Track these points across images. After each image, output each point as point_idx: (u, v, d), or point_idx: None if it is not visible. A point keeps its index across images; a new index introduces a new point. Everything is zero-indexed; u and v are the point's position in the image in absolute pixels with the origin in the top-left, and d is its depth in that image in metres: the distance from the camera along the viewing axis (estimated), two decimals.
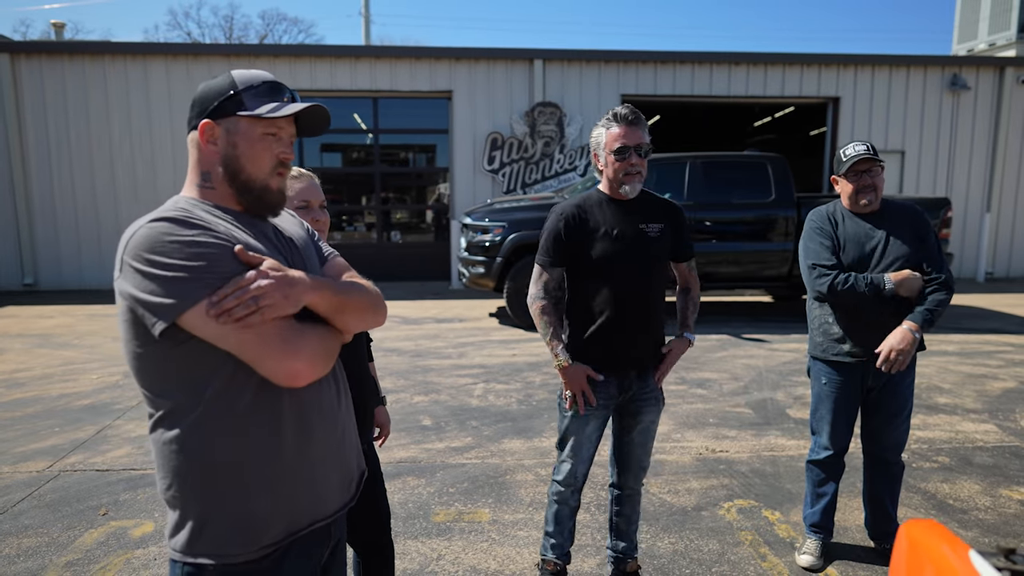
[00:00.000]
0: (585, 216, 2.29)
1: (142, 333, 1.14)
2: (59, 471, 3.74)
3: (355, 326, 1.28)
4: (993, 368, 5.96)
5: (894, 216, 2.66)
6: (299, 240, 1.35)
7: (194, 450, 1.16)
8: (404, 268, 11.95)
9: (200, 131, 1.22)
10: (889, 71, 11.87)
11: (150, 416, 1.20)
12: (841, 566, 2.79)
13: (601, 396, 2.34)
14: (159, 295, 1.10)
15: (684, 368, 5.94)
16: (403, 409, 4.84)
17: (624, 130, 2.19)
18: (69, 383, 5.51)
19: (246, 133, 1.23)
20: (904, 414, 2.72)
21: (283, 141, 1.26)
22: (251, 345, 1.12)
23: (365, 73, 11.24)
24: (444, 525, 3.14)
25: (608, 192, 2.32)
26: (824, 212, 2.76)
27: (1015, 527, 3.12)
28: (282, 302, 1.13)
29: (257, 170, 1.24)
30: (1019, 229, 12.33)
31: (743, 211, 7.93)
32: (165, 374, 1.16)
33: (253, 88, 1.23)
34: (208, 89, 1.25)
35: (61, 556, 2.85)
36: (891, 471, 2.79)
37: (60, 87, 10.72)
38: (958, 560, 0.86)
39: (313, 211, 1.87)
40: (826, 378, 2.75)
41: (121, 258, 1.14)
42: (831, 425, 2.77)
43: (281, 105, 1.24)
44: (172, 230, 1.12)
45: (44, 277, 11.00)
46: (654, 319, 2.38)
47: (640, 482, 2.52)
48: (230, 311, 1.09)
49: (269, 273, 1.13)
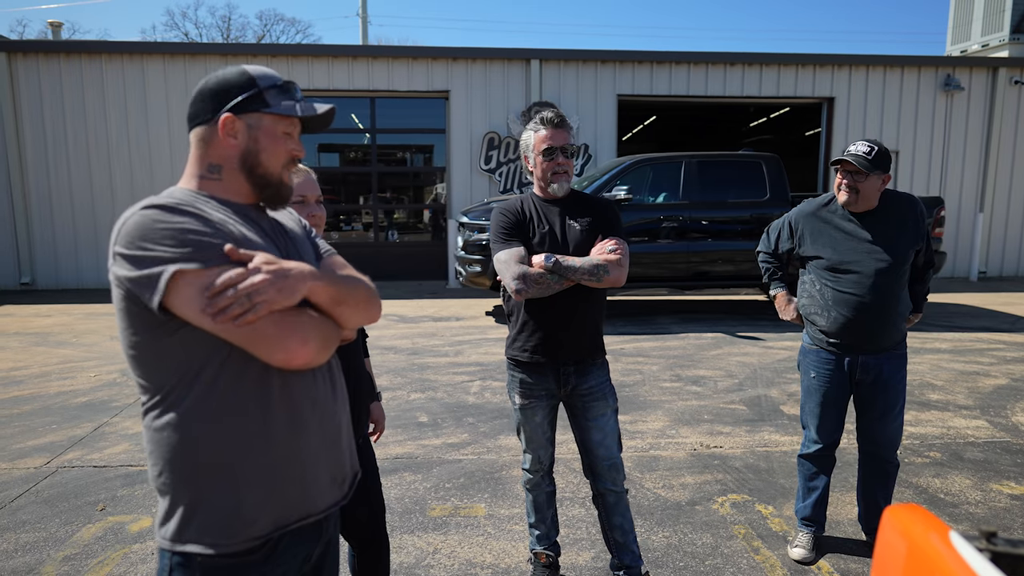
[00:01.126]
0: (522, 210, 2.41)
1: (138, 320, 1.15)
2: (57, 467, 3.76)
3: (353, 319, 1.29)
4: (985, 365, 6.01)
5: (892, 211, 2.66)
6: (296, 235, 1.36)
7: (185, 437, 1.17)
8: (401, 267, 11.96)
9: (221, 124, 1.24)
10: (883, 71, 11.94)
11: (143, 404, 1.21)
12: (833, 559, 2.82)
13: (540, 388, 2.42)
14: (149, 271, 1.11)
15: (679, 365, 5.98)
16: (400, 406, 4.86)
17: (550, 132, 2.33)
18: (67, 381, 5.52)
19: (269, 130, 1.26)
20: (896, 410, 2.73)
21: (294, 138, 1.30)
22: (245, 329, 1.13)
23: (362, 73, 11.25)
24: (440, 520, 3.16)
25: (540, 192, 2.45)
26: (801, 210, 2.85)
27: (1005, 520, 3.16)
28: (276, 296, 1.13)
29: (274, 165, 1.28)
30: (1012, 229, 12.41)
31: (738, 210, 7.98)
32: (161, 361, 1.17)
33: (276, 87, 1.27)
34: (225, 83, 1.26)
35: (59, 551, 2.87)
36: (885, 469, 2.80)
37: (57, 86, 10.71)
38: (939, 541, 0.88)
39: (309, 206, 1.89)
40: (815, 371, 2.79)
41: (113, 247, 1.15)
42: (820, 419, 2.80)
43: (305, 104, 1.29)
44: (162, 216, 1.13)
45: (41, 276, 10.99)
46: (581, 309, 2.37)
47: (619, 483, 2.46)
48: (224, 310, 1.10)
49: (262, 268, 1.13)
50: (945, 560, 0.86)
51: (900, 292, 2.66)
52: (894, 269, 2.61)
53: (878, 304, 2.61)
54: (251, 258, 1.15)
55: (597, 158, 11.53)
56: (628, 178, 7.91)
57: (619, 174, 7.92)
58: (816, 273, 2.75)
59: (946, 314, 8.52)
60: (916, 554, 0.92)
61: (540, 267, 2.27)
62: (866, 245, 2.63)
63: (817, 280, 2.74)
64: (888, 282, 2.61)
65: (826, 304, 2.71)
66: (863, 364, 2.69)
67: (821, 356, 2.77)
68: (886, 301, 2.62)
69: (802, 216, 2.81)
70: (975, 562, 0.83)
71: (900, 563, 0.94)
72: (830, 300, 2.69)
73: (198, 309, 1.10)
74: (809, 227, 2.77)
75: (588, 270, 2.27)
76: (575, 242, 2.35)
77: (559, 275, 2.27)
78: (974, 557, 0.84)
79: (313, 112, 1.28)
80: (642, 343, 6.92)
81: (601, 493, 2.48)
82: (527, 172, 2.45)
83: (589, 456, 2.47)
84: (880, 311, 2.62)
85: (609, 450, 2.44)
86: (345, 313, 1.27)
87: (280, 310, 1.15)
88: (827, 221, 2.73)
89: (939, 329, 7.57)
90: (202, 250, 1.12)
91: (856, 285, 2.62)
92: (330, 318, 1.26)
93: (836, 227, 2.70)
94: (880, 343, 2.68)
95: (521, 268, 2.28)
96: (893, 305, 2.64)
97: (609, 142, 11.64)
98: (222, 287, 1.10)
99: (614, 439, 2.45)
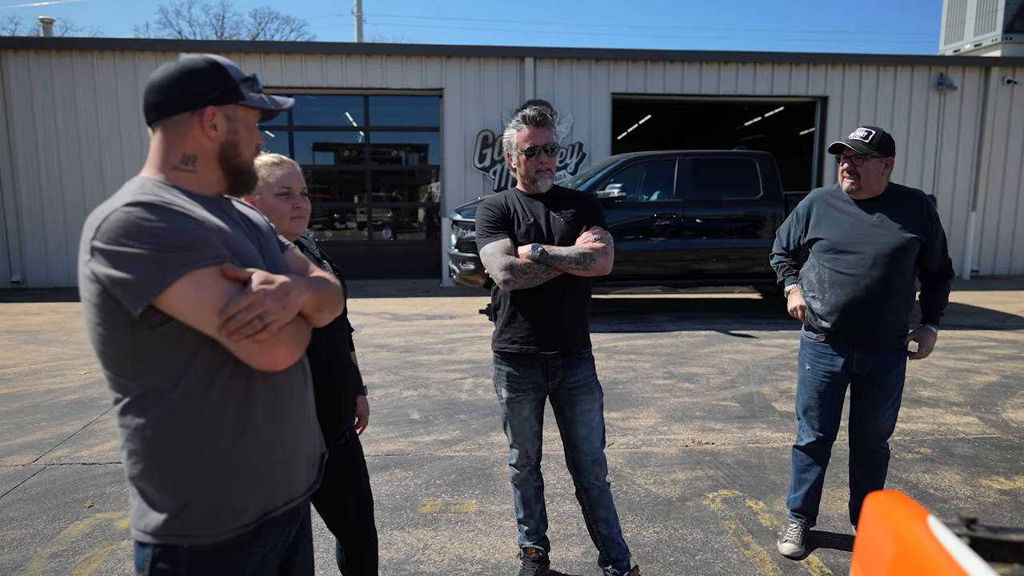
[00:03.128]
0: (506, 205, 2.42)
1: (113, 316, 1.13)
2: (45, 465, 3.73)
3: (327, 319, 1.35)
4: (976, 363, 6.04)
5: (896, 201, 2.66)
6: (263, 229, 1.39)
7: (171, 432, 1.17)
8: (395, 266, 11.95)
9: (206, 117, 1.24)
10: (877, 71, 11.97)
11: (117, 400, 1.20)
12: (822, 553, 2.82)
13: (527, 382, 2.41)
14: (138, 275, 1.10)
15: (672, 363, 5.98)
16: (392, 403, 4.85)
17: (532, 131, 2.35)
18: (56, 379, 5.48)
19: (245, 121, 1.30)
20: (890, 402, 2.72)
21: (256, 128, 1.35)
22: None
23: (356, 70, 11.22)
24: (431, 516, 3.15)
25: (523, 189, 2.47)
26: (808, 197, 2.86)
27: (994, 515, 3.17)
28: (283, 315, 1.18)
29: (249, 156, 1.33)
30: (1004, 227, 12.47)
31: (731, 208, 7.99)
32: (139, 357, 1.16)
33: (248, 80, 1.32)
34: (197, 73, 1.25)
35: (46, 547, 2.85)
36: (874, 459, 2.80)
37: (48, 83, 10.64)
38: (919, 526, 0.88)
39: (294, 198, 1.88)
40: (810, 364, 2.80)
41: (91, 242, 1.12)
42: (814, 410, 2.81)
43: (271, 98, 1.34)
44: (148, 215, 1.12)
45: (32, 274, 10.93)
46: (569, 299, 2.37)
47: (601, 477, 2.46)
48: (240, 331, 1.14)
49: (267, 290, 1.17)
50: (924, 544, 0.86)
51: (900, 285, 2.61)
52: (894, 255, 2.58)
53: (874, 288, 2.58)
54: (249, 276, 1.17)
55: (591, 156, 11.53)
56: (622, 176, 7.91)
57: (613, 172, 7.92)
58: (817, 256, 2.76)
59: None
60: (896, 539, 0.92)
61: (527, 257, 2.27)
62: (868, 228, 2.63)
63: (817, 263, 2.75)
64: (887, 267, 2.57)
65: (823, 287, 2.71)
66: (859, 359, 2.68)
67: (817, 350, 2.77)
68: (883, 287, 2.58)
69: (810, 201, 2.84)
70: (952, 546, 0.83)
71: (880, 547, 0.94)
72: (827, 282, 2.69)
73: (182, 291, 1.11)
74: (815, 210, 2.80)
75: (575, 259, 2.28)
76: (560, 233, 2.37)
77: (546, 264, 2.28)
78: (951, 541, 0.84)
79: (280, 107, 1.34)
80: (635, 341, 6.92)
81: (585, 487, 2.48)
82: (510, 168, 2.47)
83: (573, 451, 2.47)
84: (876, 296, 2.59)
85: (593, 445, 2.44)
86: (323, 316, 1.33)
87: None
88: (832, 205, 2.75)
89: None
90: (187, 248, 1.12)
91: (854, 266, 2.62)
92: (305, 319, 1.29)
93: (840, 210, 2.72)
94: (876, 336, 2.64)
95: (508, 259, 2.28)
96: (890, 294, 2.60)
97: (603, 140, 11.65)
98: (235, 312, 1.13)
99: (599, 435, 2.46)
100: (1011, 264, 12.59)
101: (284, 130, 11.72)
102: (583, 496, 2.50)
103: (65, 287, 10.78)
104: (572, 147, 11.53)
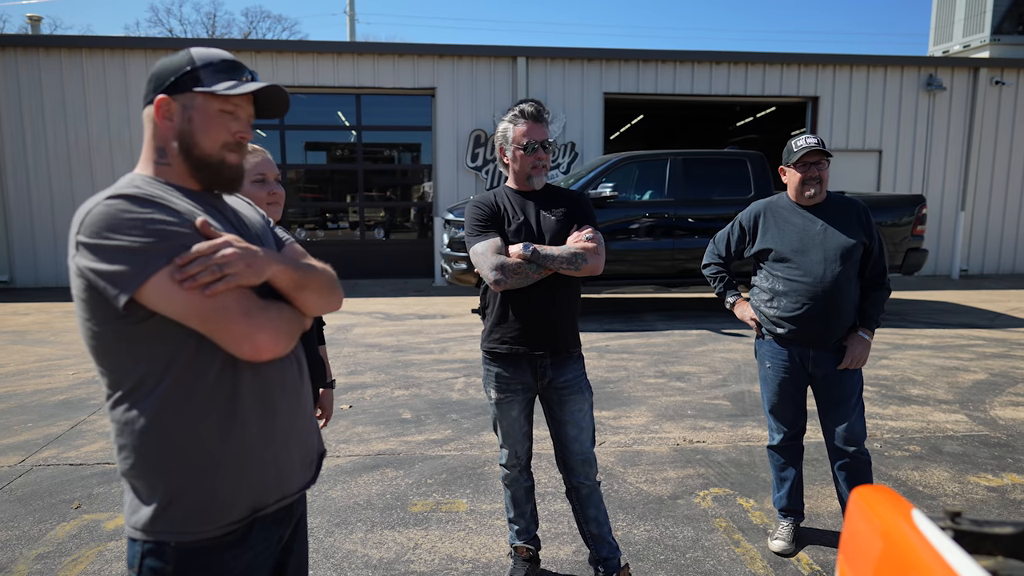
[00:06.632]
0: (496, 203, 2.39)
1: (101, 310, 1.13)
2: (31, 466, 3.70)
3: (314, 306, 1.30)
4: (965, 361, 6.08)
5: (837, 208, 2.74)
6: (257, 225, 1.36)
7: (159, 427, 1.16)
8: (388, 265, 11.92)
9: (156, 106, 1.22)
10: (867, 71, 12.05)
11: (108, 396, 1.20)
12: (813, 551, 2.83)
13: (516, 382, 2.40)
14: (120, 266, 1.09)
15: (664, 362, 6.00)
16: (383, 403, 4.83)
17: (530, 126, 2.31)
18: (44, 379, 5.43)
19: (202, 109, 1.23)
20: (852, 402, 2.70)
21: (240, 120, 1.27)
22: (214, 318, 1.12)
23: (348, 69, 11.19)
24: (421, 515, 3.14)
25: (515, 185, 2.42)
26: (751, 209, 2.89)
27: (982, 512, 3.19)
28: (245, 271, 1.14)
29: (211, 146, 1.24)
30: (992, 227, 12.57)
31: (723, 207, 8.00)
32: (127, 351, 1.16)
33: (211, 65, 1.23)
34: (165, 65, 1.25)
35: (32, 549, 2.82)
36: (851, 464, 2.73)
37: (36, 81, 10.56)
38: (902, 519, 0.89)
39: (269, 184, 1.94)
40: (769, 361, 2.84)
41: (75, 237, 1.12)
42: (778, 407, 2.85)
43: (238, 83, 1.25)
44: (129, 207, 1.12)
45: (20, 274, 10.83)
46: (559, 299, 2.36)
47: (592, 477, 2.45)
48: (194, 276, 1.10)
49: (232, 243, 1.15)
50: (908, 538, 0.86)
51: (849, 288, 2.68)
52: (843, 259, 2.64)
53: (828, 292, 2.63)
54: (221, 235, 1.16)
55: (584, 156, 11.54)
56: (614, 175, 7.92)
57: (605, 171, 7.93)
58: (767, 267, 2.80)
59: (928, 311, 8.62)
60: (880, 533, 0.92)
61: (518, 256, 2.25)
62: (816, 234, 2.69)
63: (769, 275, 2.79)
64: (837, 270, 2.64)
65: (775, 294, 2.75)
66: (815, 358, 2.72)
67: (774, 347, 2.80)
68: (834, 290, 2.64)
69: (755, 212, 2.87)
70: (936, 539, 0.83)
71: (865, 541, 0.94)
72: (780, 291, 2.73)
73: (164, 283, 1.09)
74: (763, 221, 2.83)
75: (566, 258, 2.27)
76: (551, 232, 2.35)
77: (537, 264, 2.26)
78: (936, 534, 0.84)
79: (243, 91, 1.23)
80: (627, 340, 6.93)
81: (575, 487, 2.47)
82: (502, 165, 2.43)
83: (563, 451, 2.46)
84: (829, 299, 2.64)
85: (583, 445, 2.43)
86: (307, 299, 1.28)
87: (249, 304, 1.15)
88: (777, 215, 2.80)
89: (920, 325, 7.65)
90: (169, 239, 1.11)
91: (806, 273, 2.66)
92: (293, 305, 1.27)
93: (786, 220, 2.77)
94: (829, 337, 2.69)
95: (499, 259, 2.26)
96: (842, 297, 2.66)
97: (596, 140, 11.66)
98: (194, 256, 1.10)
99: (589, 434, 2.45)
100: (999, 263, 12.69)
101: (276, 129, 11.67)
102: (573, 495, 2.49)
103: (53, 287, 10.69)
104: (565, 147, 11.53)
